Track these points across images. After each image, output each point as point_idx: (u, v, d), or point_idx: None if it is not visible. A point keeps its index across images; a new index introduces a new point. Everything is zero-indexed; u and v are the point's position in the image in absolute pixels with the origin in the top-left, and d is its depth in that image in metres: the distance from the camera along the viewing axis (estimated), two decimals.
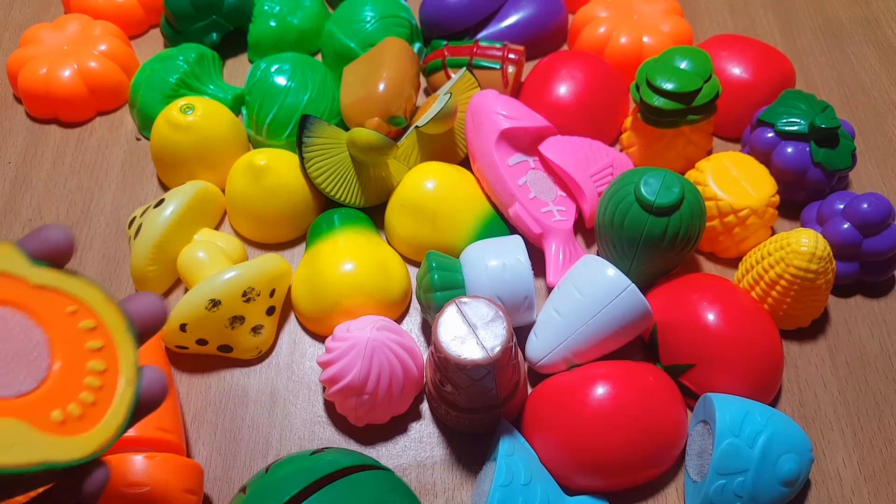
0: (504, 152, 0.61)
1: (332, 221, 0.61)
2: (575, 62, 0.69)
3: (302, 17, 0.75)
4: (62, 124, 0.73)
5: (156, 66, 0.70)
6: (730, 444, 0.48)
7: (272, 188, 0.61)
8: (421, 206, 0.61)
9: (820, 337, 0.60)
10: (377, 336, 0.51)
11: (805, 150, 0.62)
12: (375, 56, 0.68)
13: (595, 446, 0.50)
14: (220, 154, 0.65)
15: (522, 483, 0.48)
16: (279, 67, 0.67)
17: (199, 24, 0.74)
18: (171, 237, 0.59)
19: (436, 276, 0.54)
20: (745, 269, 0.59)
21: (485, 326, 0.47)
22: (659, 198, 0.54)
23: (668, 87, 0.60)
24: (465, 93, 0.67)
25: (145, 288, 0.61)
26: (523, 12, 0.75)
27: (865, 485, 0.53)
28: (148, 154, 0.70)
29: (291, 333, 0.61)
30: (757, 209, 0.59)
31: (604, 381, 0.51)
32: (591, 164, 0.63)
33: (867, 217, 0.57)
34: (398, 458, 0.54)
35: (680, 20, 0.75)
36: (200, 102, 0.64)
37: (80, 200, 0.68)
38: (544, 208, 0.61)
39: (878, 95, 0.74)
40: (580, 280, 0.55)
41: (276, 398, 0.57)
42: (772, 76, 0.69)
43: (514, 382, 0.51)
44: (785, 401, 0.57)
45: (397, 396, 0.53)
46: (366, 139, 0.59)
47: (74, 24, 0.75)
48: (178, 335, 0.55)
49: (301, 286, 0.59)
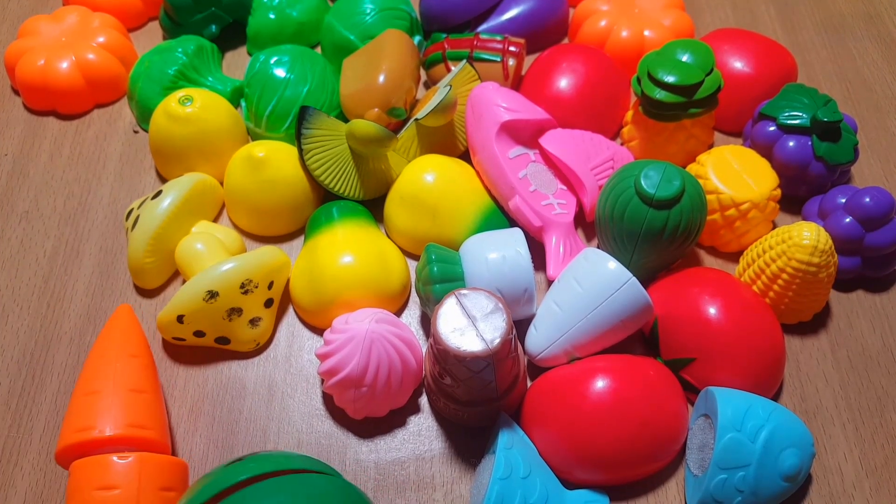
0: (504, 145, 0.61)
1: (330, 214, 0.61)
2: (576, 55, 0.69)
3: (301, 9, 0.75)
4: (60, 116, 0.73)
5: (154, 57, 0.70)
6: (731, 438, 0.48)
7: (271, 180, 0.61)
8: (421, 198, 0.60)
9: (821, 331, 0.59)
10: (376, 328, 0.51)
11: (807, 144, 0.61)
12: (375, 48, 0.67)
13: (595, 440, 0.50)
14: (219, 146, 0.65)
15: (521, 476, 0.48)
16: (278, 59, 0.67)
17: (198, 15, 0.74)
18: (169, 229, 0.59)
19: (435, 268, 0.54)
20: (747, 263, 0.59)
21: (484, 318, 0.47)
22: (659, 191, 0.53)
23: (670, 80, 0.60)
24: (466, 85, 0.66)
25: (142, 280, 0.60)
26: (524, 5, 0.75)
27: (867, 479, 0.53)
28: (146, 146, 0.70)
29: (290, 326, 0.60)
30: (758, 203, 0.59)
31: (604, 375, 0.51)
32: (592, 157, 0.63)
33: (869, 211, 0.57)
34: (397, 452, 0.54)
35: (681, 14, 0.75)
36: (199, 94, 0.63)
37: (78, 192, 0.67)
38: (545, 201, 0.61)
39: (880, 90, 0.74)
40: (581, 273, 0.54)
41: (274, 391, 0.57)
42: (773, 70, 0.69)
43: (514, 375, 0.51)
44: (786, 395, 0.56)
45: (396, 389, 0.53)
46: (365, 130, 0.59)
47: (73, 15, 0.74)
48: (176, 326, 0.55)
49: (299, 279, 0.59)
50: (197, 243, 0.58)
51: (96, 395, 0.49)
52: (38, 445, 0.54)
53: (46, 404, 0.56)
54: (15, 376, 0.58)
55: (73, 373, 0.58)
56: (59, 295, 0.61)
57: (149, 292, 0.62)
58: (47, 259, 0.63)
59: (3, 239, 0.65)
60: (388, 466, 0.54)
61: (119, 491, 0.46)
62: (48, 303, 0.61)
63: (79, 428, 0.48)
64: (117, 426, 0.48)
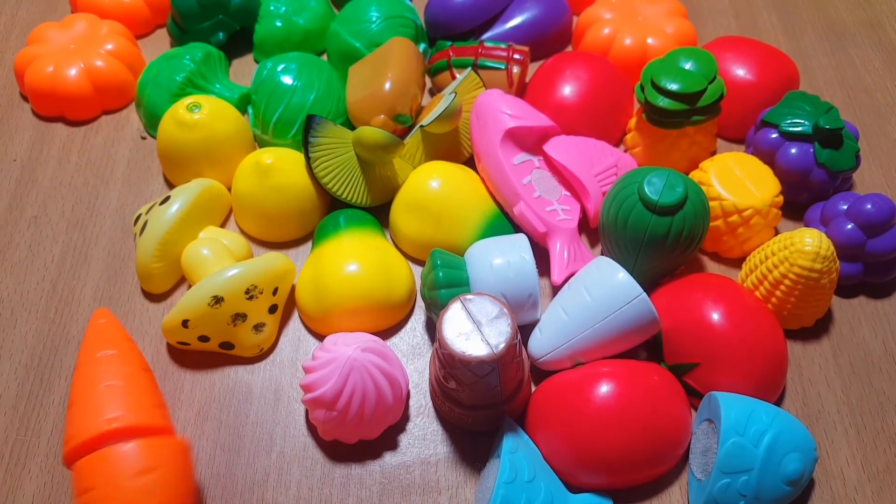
0: (509, 151, 0.61)
1: (337, 223, 0.61)
2: (579, 63, 0.69)
3: (307, 17, 0.75)
4: (68, 122, 0.73)
5: (162, 64, 0.71)
6: (734, 443, 0.48)
7: (278, 187, 0.61)
8: (426, 205, 0.61)
9: (823, 337, 0.60)
10: (359, 357, 0.51)
11: (809, 151, 0.62)
12: (381, 56, 0.68)
13: (599, 444, 0.50)
14: (227, 153, 0.65)
15: (526, 480, 0.48)
16: (285, 67, 0.68)
17: (205, 23, 0.74)
18: (177, 234, 0.60)
19: (440, 273, 0.55)
20: (749, 269, 0.59)
21: (489, 323, 0.47)
22: (662, 197, 0.54)
23: (673, 87, 0.60)
24: (470, 93, 0.67)
25: (150, 284, 0.61)
26: (528, 13, 0.75)
27: (869, 484, 0.53)
28: (153, 152, 0.71)
29: (296, 331, 0.61)
30: (761, 209, 0.59)
31: (608, 380, 0.51)
32: (596, 163, 0.63)
33: (871, 217, 0.57)
34: (402, 456, 0.54)
35: (684, 22, 0.75)
36: (207, 101, 0.64)
37: (86, 198, 0.68)
38: (549, 207, 0.61)
39: (882, 97, 0.75)
40: (591, 282, 0.55)
41: (280, 395, 0.57)
42: (776, 77, 0.69)
43: (518, 380, 0.51)
44: (789, 400, 0.57)
45: (368, 420, 0.52)
46: (373, 137, 0.60)
47: (81, 23, 0.75)
48: (181, 331, 0.55)
49: (306, 287, 0.59)
50: (203, 249, 0.59)
51: (72, 404, 0.51)
52: (45, 448, 0.55)
53: (54, 407, 0.57)
54: (23, 380, 0.58)
55: None
56: (67, 299, 0.62)
57: (156, 297, 0.62)
58: (55, 264, 0.64)
59: (12, 244, 0.65)
60: (394, 470, 0.54)
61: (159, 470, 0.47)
62: (56, 307, 0.62)
63: (70, 436, 0.49)
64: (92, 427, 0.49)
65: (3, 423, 0.56)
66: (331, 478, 0.54)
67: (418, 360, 0.59)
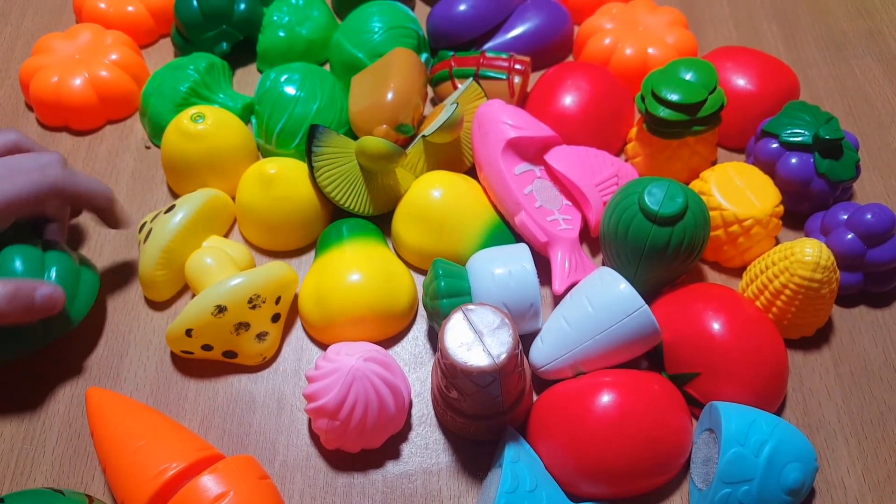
0: (510, 161, 0.62)
1: (340, 232, 0.61)
2: (580, 73, 0.70)
3: (310, 27, 0.76)
4: (73, 132, 0.74)
5: (166, 74, 0.71)
6: (735, 452, 0.48)
7: (282, 197, 0.62)
8: (428, 214, 0.61)
9: (824, 346, 0.60)
10: (361, 367, 0.51)
11: (809, 161, 0.62)
12: (383, 66, 0.69)
13: (600, 454, 0.50)
14: (230, 162, 0.66)
15: (528, 490, 0.48)
16: (288, 77, 0.68)
17: (209, 33, 0.75)
18: (181, 243, 0.60)
19: (442, 283, 0.55)
20: (750, 279, 0.59)
21: (491, 333, 0.47)
22: (663, 207, 0.54)
23: (674, 98, 0.61)
24: (472, 103, 0.67)
25: (153, 292, 0.61)
26: (529, 23, 0.76)
27: (870, 494, 0.53)
28: (158, 162, 0.71)
29: (299, 340, 0.61)
30: (761, 219, 0.59)
31: (609, 390, 0.51)
32: (597, 173, 0.64)
33: (871, 227, 0.58)
34: (404, 465, 0.55)
35: (684, 32, 0.76)
36: (211, 111, 0.64)
37: None
38: (550, 217, 0.61)
39: (882, 107, 0.75)
40: (593, 292, 0.55)
41: (283, 405, 0.58)
42: (776, 87, 0.69)
43: (520, 389, 0.52)
44: (789, 410, 0.57)
45: (370, 430, 0.52)
46: (376, 147, 0.60)
47: (86, 33, 0.76)
48: (184, 340, 0.56)
49: (308, 296, 0.60)
50: (206, 258, 0.59)
51: (112, 480, 0.51)
52: (51, 457, 0.55)
53: (59, 416, 0.57)
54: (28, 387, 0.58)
55: (84, 384, 0.58)
56: None
57: (159, 305, 0.62)
58: None
59: None
60: (396, 480, 0.54)
61: (233, 492, 0.48)
62: None
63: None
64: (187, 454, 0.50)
65: (9, 432, 0.56)
66: (333, 487, 0.54)
67: (420, 369, 0.59)
